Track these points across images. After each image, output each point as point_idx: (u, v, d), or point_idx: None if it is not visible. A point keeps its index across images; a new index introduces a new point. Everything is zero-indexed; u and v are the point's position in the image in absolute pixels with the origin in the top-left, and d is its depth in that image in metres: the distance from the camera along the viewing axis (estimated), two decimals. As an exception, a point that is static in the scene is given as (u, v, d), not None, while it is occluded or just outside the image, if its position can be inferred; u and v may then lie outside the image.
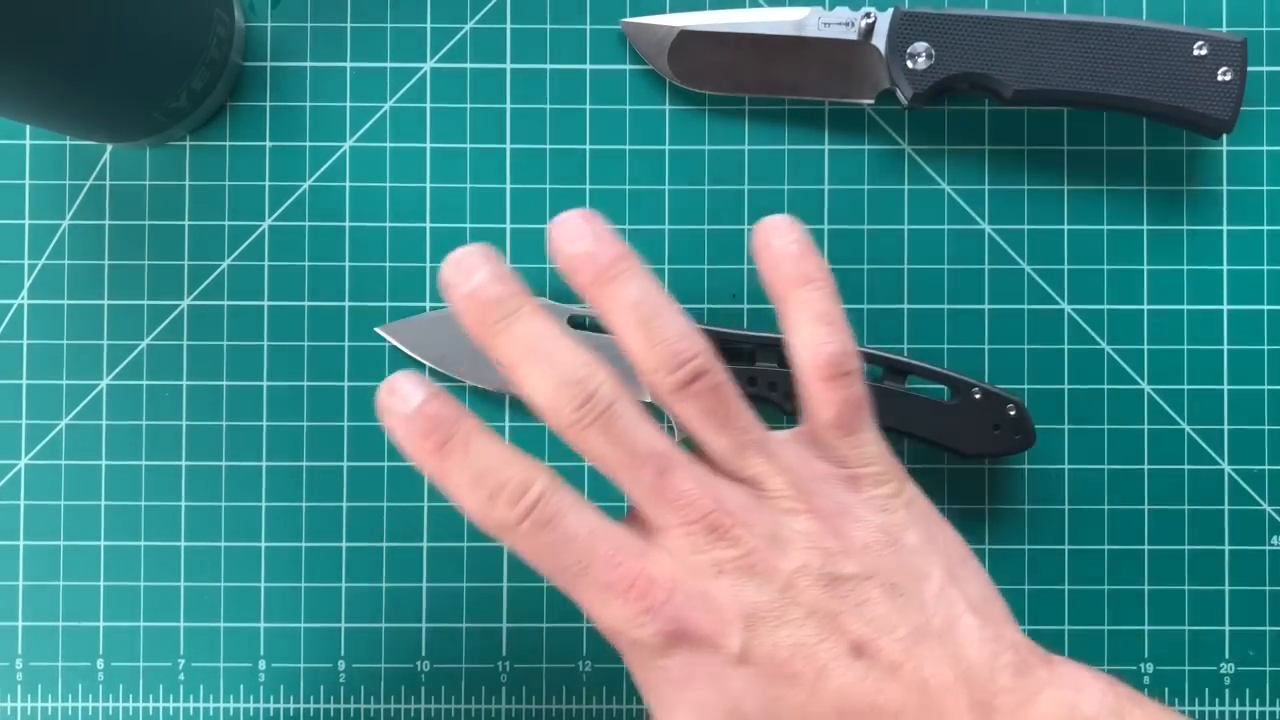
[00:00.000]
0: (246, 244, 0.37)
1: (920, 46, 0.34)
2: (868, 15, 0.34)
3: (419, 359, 0.36)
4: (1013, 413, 0.34)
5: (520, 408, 0.36)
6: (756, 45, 0.35)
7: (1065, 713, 0.24)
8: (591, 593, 0.24)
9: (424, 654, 0.36)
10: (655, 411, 0.36)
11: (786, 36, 0.35)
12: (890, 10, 0.34)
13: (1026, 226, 0.37)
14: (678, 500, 0.24)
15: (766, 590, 0.24)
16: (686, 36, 0.35)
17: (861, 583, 0.25)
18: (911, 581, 0.25)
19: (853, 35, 0.35)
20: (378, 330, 0.36)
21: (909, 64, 0.34)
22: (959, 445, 0.34)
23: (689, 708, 0.24)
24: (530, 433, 0.36)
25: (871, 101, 0.36)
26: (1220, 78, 0.33)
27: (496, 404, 0.36)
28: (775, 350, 0.34)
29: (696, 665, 0.24)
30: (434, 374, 0.36)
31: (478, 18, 0.37)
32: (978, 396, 0.34)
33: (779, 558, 0.24)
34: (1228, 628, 0.36)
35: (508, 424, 0.36)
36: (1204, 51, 0.33)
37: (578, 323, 0.35)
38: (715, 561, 0.24)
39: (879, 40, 0.34)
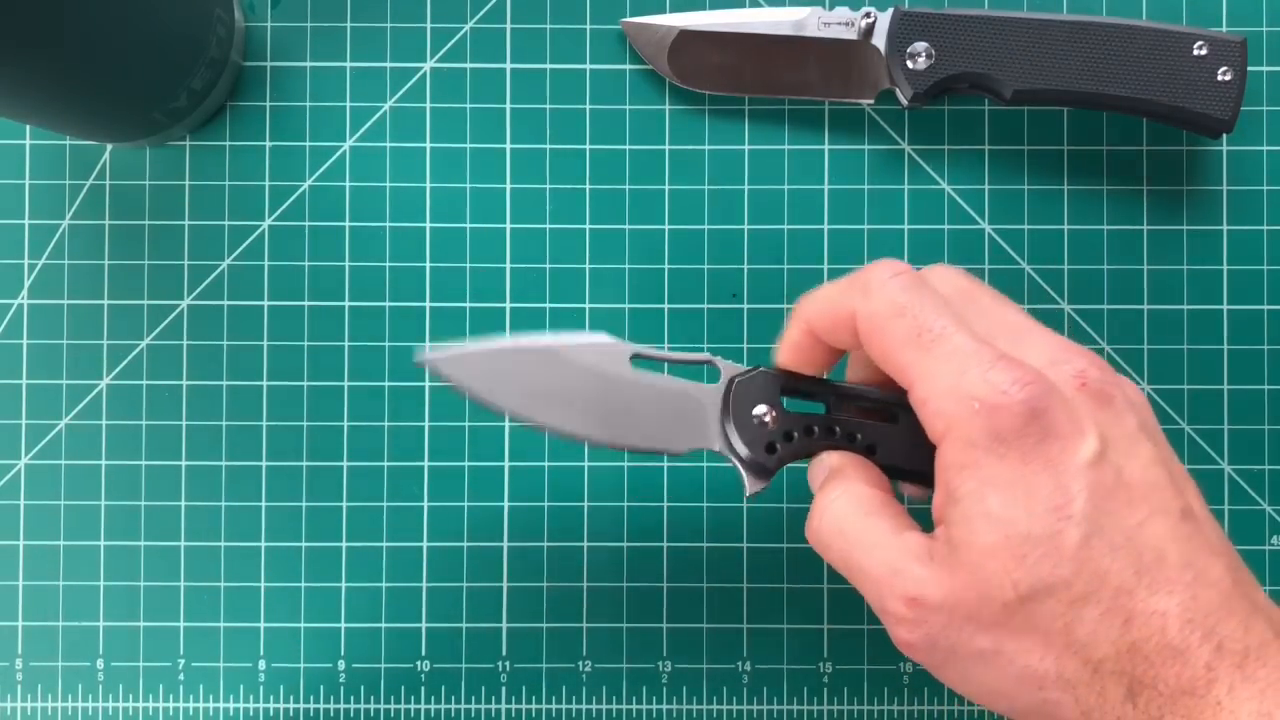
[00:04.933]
0: (246, 244, 0.37)
1: (920, 46, 0.34)
2: (868, 15, 0.34)
3: (473, 392, 0.31)
4: None
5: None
6: (756, 45, 0.35)
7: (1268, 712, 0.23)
8: (955, 356, 0.25)
9: (424, 654, 0.36)
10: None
11: (786, 36, 0.35)
12: (890, 10, 0.34)
13: (1026, 226, 0.37)
14: (1031, 325, 0.26)
15: (1118, 426, 0.25)
16: (686, 36, 0.35)
17: (1183, 477, 0.26)
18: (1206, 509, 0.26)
19: (853, 35, 0.35)
20: (426, 358, 0.32)
21: (909, 64, 0.34)
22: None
23: (1015, 486, 0.24)
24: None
25: (871, 101, 0.36)
26: (1220, 78, 0.33)
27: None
28: (850, 400, 0.31)
29: (1042, 449, 0.24)
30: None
31: (478, 18, 0.37)
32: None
33: (1127, 405, 0.25)
34: (1228, 628, 0.36)
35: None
36: (1204, 51, 0.33)
37: (640, 364, 0.32)
38: (1080, 375, 0.25)
39: (879, 40, 0.34)
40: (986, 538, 0.24)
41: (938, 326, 0.26)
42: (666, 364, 0.33)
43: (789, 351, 0.30)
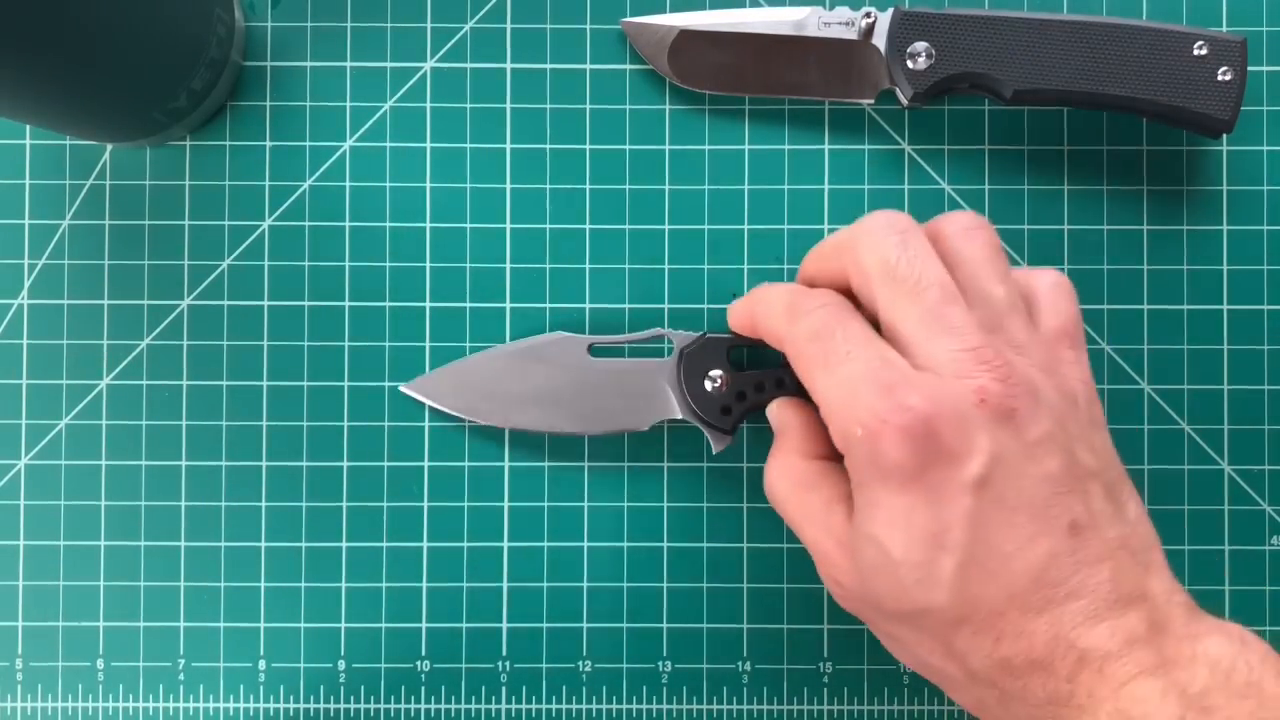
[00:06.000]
0: (246, 244, 0.37)
1: (920, 46, 0.34)
2: (868, 15, 0.34)
3: (449, 411, 0.36)
4: None
5: (520, 442, 0.36)
6: (756, 45, 0.35)
7: (1233, 653, 0.24)
8: (849, 382, 0.26)
9: (424, 654, 0.36)
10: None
11: (786, 36, 0.35)
12: (890, 10, 0.34)
13: (1026, 226, 0.37)
14: (957, 326, 0.26)
15: (1016, 441, 0.25)
16: (686, 36, 0.35)
17: (1091, 476, 0.26)
18: (1121, 497, 0.26)
19: (853, 35, 0.35)
20: (403, 390, 0.36)
21: (909, 64, 0.34)
22: None
23: (895, 512, 0.25)
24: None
25: (871, 101, 0.36)
26: (1220, 78, 0.33)
27: (536, 445, 0.36)
28: None
29: (923, 476, 0.25)
30: (474, 428, 0.36)
31: (478, 18, 0.37)
32: None
33: (1034, 415, 0.25)
34: (1228, 628, 0.36)
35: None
36: (1204, 51, 0.33)
37: (598, 352, 0.35)
38: (979, 391, 0.25)
39: (879, 40, 0.34)
40: (870, 558, 0.26)
41: (842, 351, 0.27)
42: (626, 348, 0.36)
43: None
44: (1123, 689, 0.23)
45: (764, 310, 0.30)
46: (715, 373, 0.34)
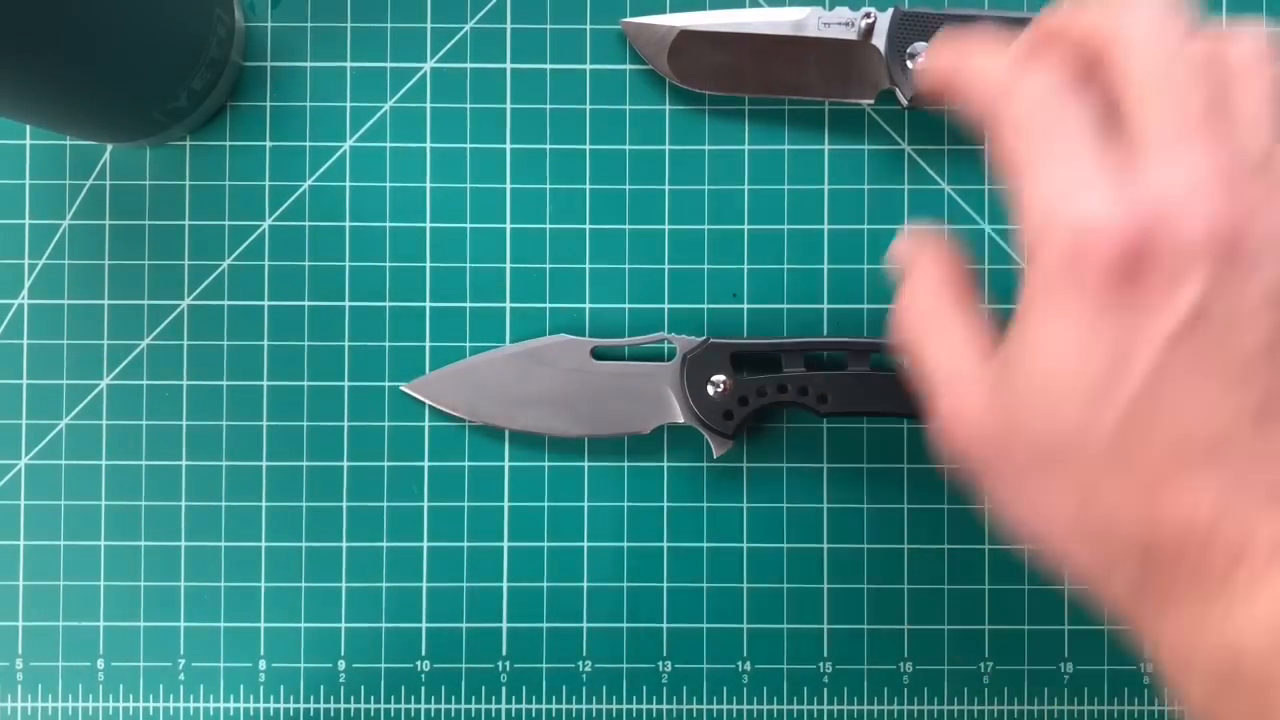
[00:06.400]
0: (246, 244, 0.37)
1: (920, 46, 0.34)
2: (868, 15, 0.34)
3: (450, 411, 0.36)
4: None
5: (520, 442, 0.36)
6: (756, 45, 0.35)
7: None
8: (1064, 182, 0.22)
9: (424, 654, 0.36)
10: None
11: (786, 37, 0.35)
12: (890, 10, 0.34)
13: (1026, 226, 0.37)
14: (1210, 146, 0.22)
15: (1237, 286, 0.21)
16: (686, 36, 0.35)
17: None
18: None
19: (853, 35, 0.35)
20: (403, 390, 0.36)
21: (909, 64, 0.34)
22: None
23: (1081, 324, 0.22)
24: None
25: (871, 101, 0.36)
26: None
27: (536, 445, 0.36)
28: (798, 355, 0.35)
29: (1125, 292, 0.22)
30: (474, 428, 0.36)
31: (478, 18, 0.37)
32: None
33: (1265, 263, 0.21)
34: (1228, 628, 0.36)
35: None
36: (1204, 51, 0.33)
37: (601, 355, 0.35)
38: (1214, 216, 0.21)
39: (879, 40, 0.34)
40: (1034, 371, 0.23)
41: (1061, 148, 0.23)
42: (626, 350, 0.36)
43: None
44: None
45: (972, 78, 0.25)
46: (718, 378, 0.34)
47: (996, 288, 0.36)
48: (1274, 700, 0.20)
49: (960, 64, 0.26)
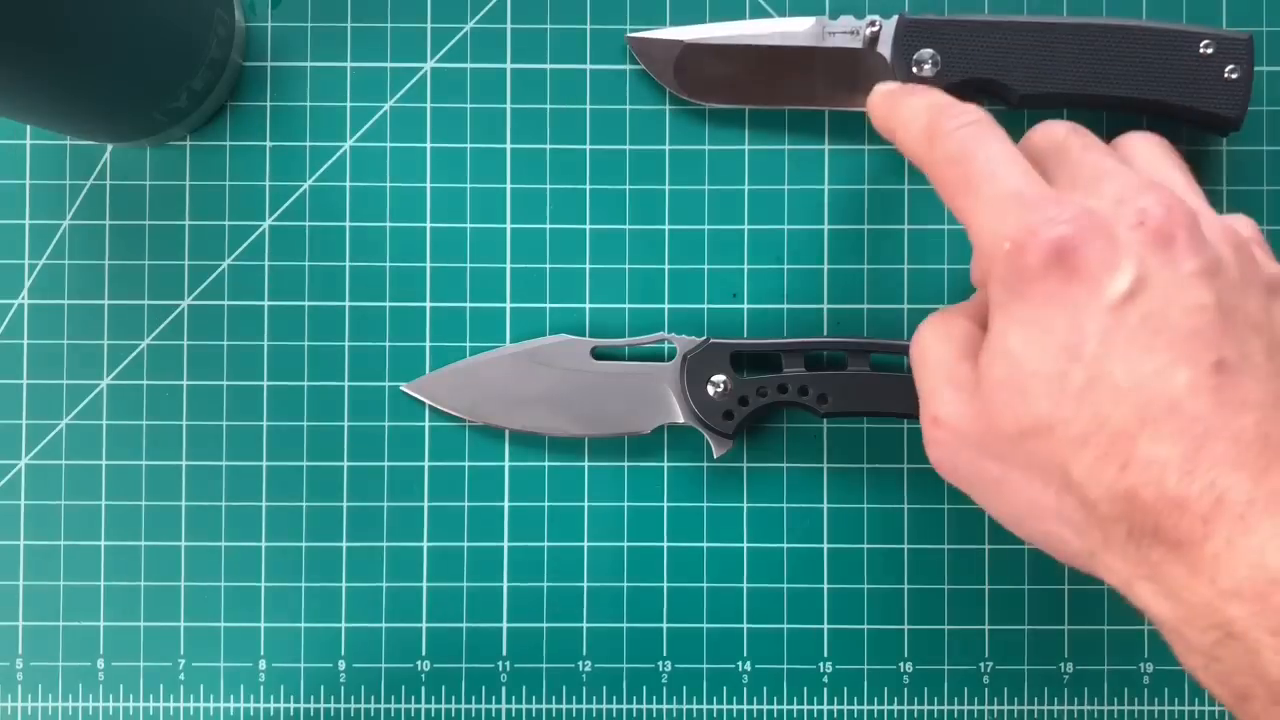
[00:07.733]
0: (246, 244, 0.37)
1: (926, 53, 0.34)
2: (872, 23, 0.34)
3: (450, 411, 0.36)
4: None
5: (520, 442, 0.36)
6: (761, 57, 0.35)
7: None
8: (996, 200, 0.25)
9: (424, 654, 0.36)
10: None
11: (791, 47, 0.35)
12: (895, 18, 0.34)
13: (1027, 227, 0.37)
14: (1124, 169, 0.26)
15: (1170, 268, 0.24)
16: (691, 50, 0.35)
17: (1253, 329, 0.24)
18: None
19: (858, 44, 0.34)
20: (404, 390, 0.36)
21: (915, 71, 0.34)
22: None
23: (1033, 326, 0.25)
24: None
25: (873, 103, 0.36)
26: (1228, 75, 0.33)
27: (536, 445, 0.36)
28: (798, 355, 0.35)
29: (1067, 288, 0.24)
30: (474, 428, 0.36)
31: (478, 18, 0.37)
32: None
33: (1194, 247, 0.24)
34: (1227, 628, 0.36)
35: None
36: (1210, 50, 0.33)
37: (601, 355, 0.35)
38: (1140, 213, 0.24)
39: (884, 48, 0.34)
40: (999, 373, 0.25)
41: (986, 172, 0.26)
42: (627, 350, 0.36)
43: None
44: (1270, 542, 0.21)
45: (902, 127, 0.30)
46: (718, 378, 0.34)
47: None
48: (1265, 660, 0.21)
49: (892, 113, 0.30)
